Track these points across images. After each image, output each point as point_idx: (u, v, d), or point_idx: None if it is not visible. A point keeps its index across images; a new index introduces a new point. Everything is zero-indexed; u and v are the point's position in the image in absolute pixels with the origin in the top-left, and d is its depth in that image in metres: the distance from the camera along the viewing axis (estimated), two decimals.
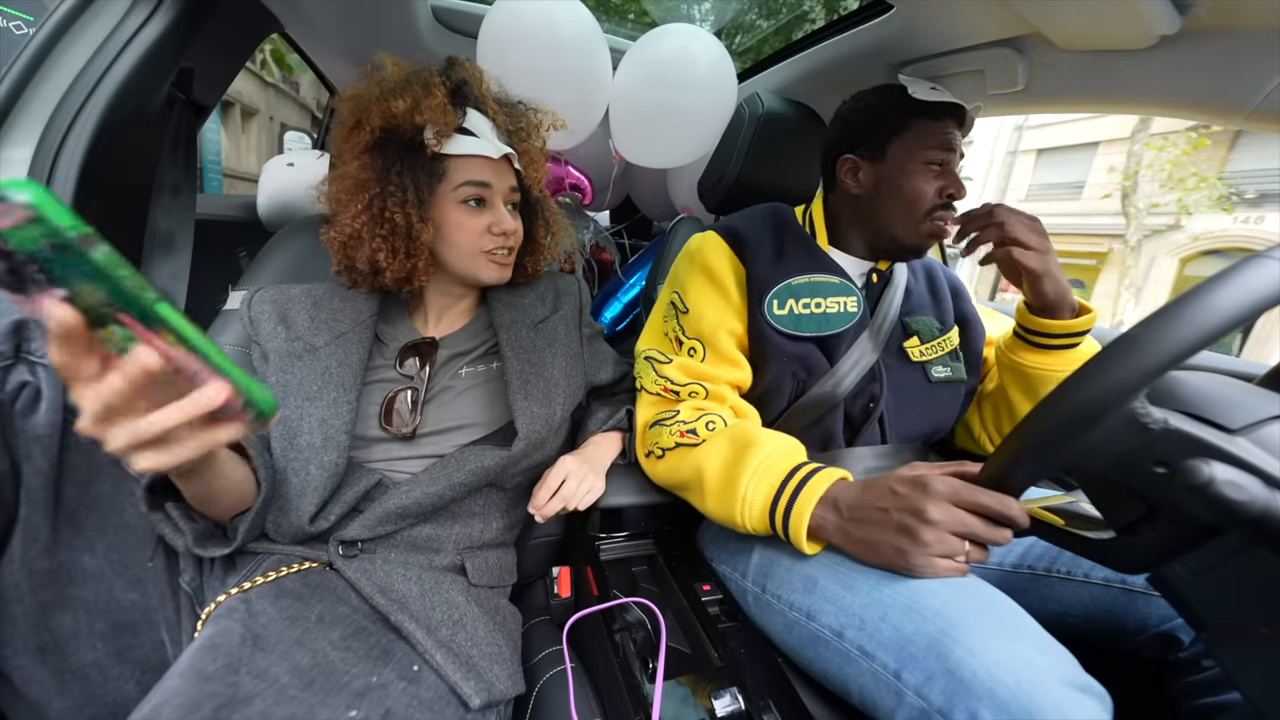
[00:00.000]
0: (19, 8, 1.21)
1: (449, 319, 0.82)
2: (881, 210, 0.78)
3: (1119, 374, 0.39)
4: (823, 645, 0.58)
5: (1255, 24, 0.63)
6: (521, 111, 0.81)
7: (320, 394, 0.69)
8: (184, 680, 0.45)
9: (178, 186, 1.03)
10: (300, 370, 0.71)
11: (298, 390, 0.70)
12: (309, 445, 0.67)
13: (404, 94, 0.68)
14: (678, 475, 0.75)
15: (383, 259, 0.71)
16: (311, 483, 0.66)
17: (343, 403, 0.70)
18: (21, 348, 0.53)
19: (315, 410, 0.69)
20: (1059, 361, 0.75)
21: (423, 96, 0.68)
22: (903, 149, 0.76)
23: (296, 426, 0.68)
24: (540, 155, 0.82)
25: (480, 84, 0.75)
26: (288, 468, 0.67)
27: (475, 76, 0.75)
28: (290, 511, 0.65)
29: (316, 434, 0.67)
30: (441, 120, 0.68)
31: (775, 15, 2.42)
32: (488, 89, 0.76)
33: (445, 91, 0.69)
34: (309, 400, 0.69)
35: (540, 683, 0.70)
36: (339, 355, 0.72)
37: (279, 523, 0.65)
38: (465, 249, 0.75)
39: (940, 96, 0.75)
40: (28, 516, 0.50)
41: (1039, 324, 0.75)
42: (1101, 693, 0.43)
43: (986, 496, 0.51)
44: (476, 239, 0.74)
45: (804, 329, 0.77)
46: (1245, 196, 7.77)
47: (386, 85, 0.70)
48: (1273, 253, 0.37)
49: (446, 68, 0.74)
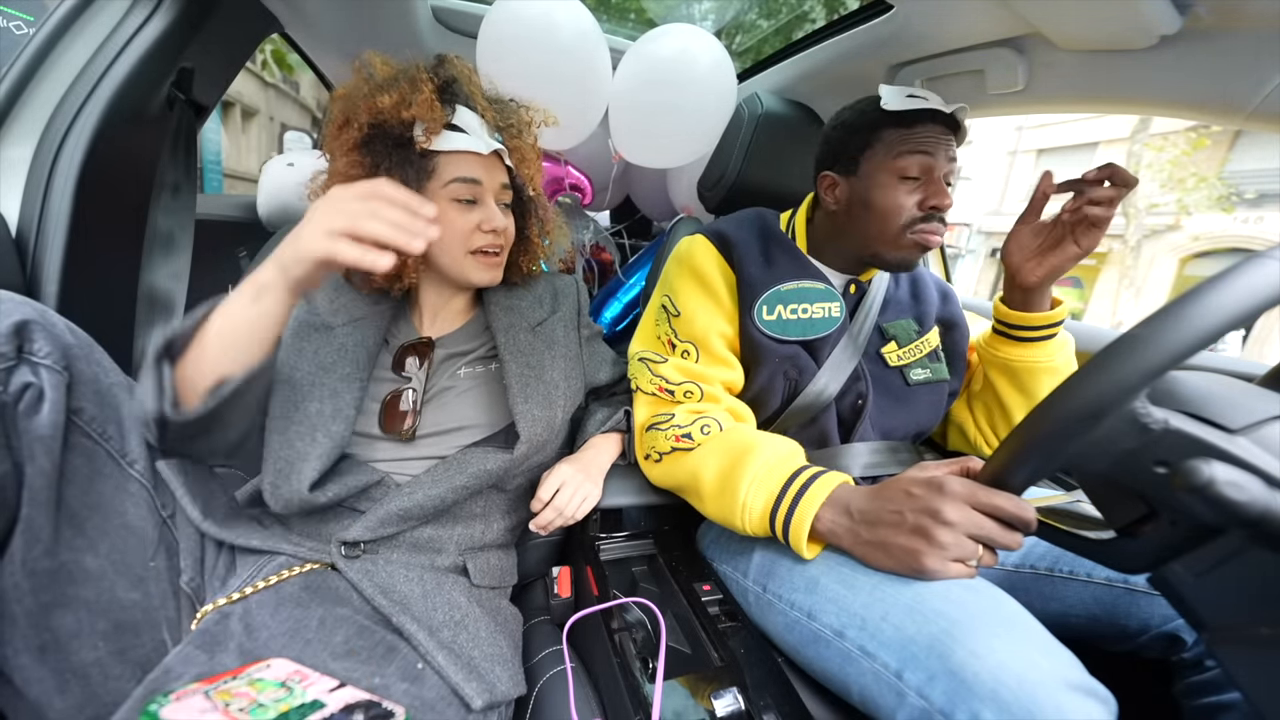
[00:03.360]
0: (19, 8, 1.21)
1: (444, 318, 0.82)
2: (857, 227, 0.77)
3: (1120, 374, 0.39)
4: (824, 645, 0.58)
5: (1255, 24, 0.63)
6: (513, 109, 0.80)
7: (335, 366, 0.70)
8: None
9: (178, 186, 1.03)
10: (317, 341, 0.72)
11: (313, 358, 0.70)
12: (318, 413, 0.68)
13: (390, 90, 0.67)
14: (675, 479, 0.75)
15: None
16: (317, 449, 0.66)
17: (354, 379, 0.71)
18: (24, 349, 0.52)
19: (328, 380, 0.69)
20: (1041, 352, 0.77)
21: (410, 92, 0.67)
22: (873, 162, 0.74)
23: (307, 393, 0.68)
24: (533, 152, 0.81)
25: (469, 81, 0.74)
26: (291, 431, 0.67)
27: (464, 73, 0.74)
28: (291, 476, 0.65)
29: (327, 404, 0.68)
30: (429, 116, 0.67)
31: (775, 15, 2.42)
32: (478, 85, 0.75)
33: (433, 88, 0.69)
34: (323, 370, 0.70)
35: (540, 683, 0.70)
36: (355, 336, 0.73)
37: (278, 487, 0.66)
38: (455, 247, 0.73)
39: (915, 104, 0.71)
40: (30, 517, 0.50)
41: (1021, 318, 0.77)
42: (1105, 695, 0.43)
43: (1001, 498, 0.50)
44: (466, 237, 0.73)
45: (790, 333, 0.78)
46: (1245, 196, 7.77)
47: (374, 82, 0.69)
48: (1273, 253, 0.37)
49: (435, 65, 0.73)
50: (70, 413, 0.55)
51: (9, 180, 0.82)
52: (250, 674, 0.48)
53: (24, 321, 0.53)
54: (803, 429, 0.81)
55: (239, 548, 0.69)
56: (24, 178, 0.82)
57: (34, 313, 0.54)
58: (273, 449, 0.67)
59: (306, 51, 1.53)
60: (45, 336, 0.54)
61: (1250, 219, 7.81)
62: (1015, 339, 0.78)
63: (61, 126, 0.83)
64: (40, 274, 0.81)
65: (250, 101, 8.76)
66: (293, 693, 0.46)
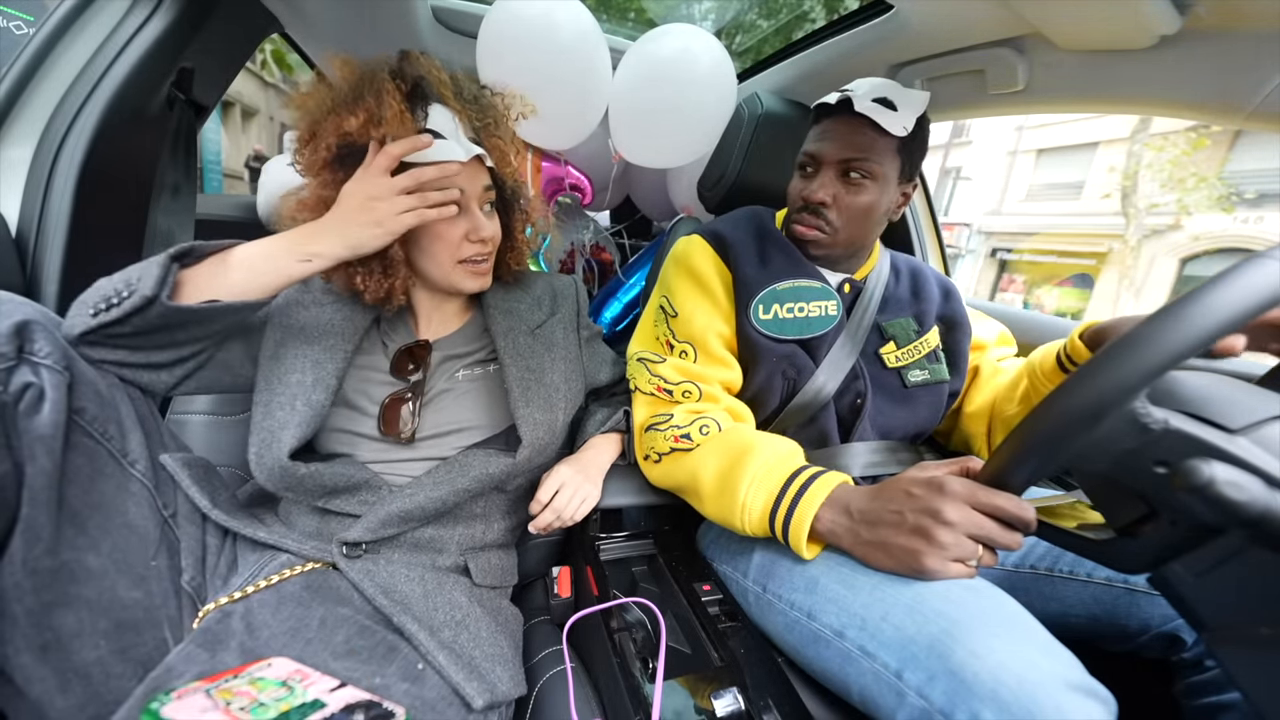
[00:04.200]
0: (19, 8, 1.21)
1: (440, 321, 0.81)
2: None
3: (1119, 374, 0.39)
4: (823, 645, 0.58)
5: (1255, 24, 0.63)
6: (487, 101, 0.74)
7: (319, 339, 0.71)
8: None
9: (178, 186, 1.04)
10: (304, 317, 0.73)
11: (298, 334, 0.71)
12: (299, 383, 0.68)
13: (356, 108, 0.63)
14: (674, 479, 0.75)
15: (359, 281, 0.69)
16: (296, 417, 0.67)
17: (339, 350, 0.71)
18: (24, 349, 0.53)
19: (311, 352, 0.70)
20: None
21: (376, 108, 0.62)
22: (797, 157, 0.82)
23: (290, 364, 0.69)
24: (512, 146, 0.76)
25: (438, 78, 0.69)
26: (273, 401, 0.68)
27: (431, 71, 0.69)
28: (272, 444, 0.66)
29: (309, 373, 0.69)
30: (401, 129, 0.63)
31: (775, 15, 2.42)
32: (446, 82, 0.69)
33: (401, 96, 0.64)
34: (307, 343, 0.71)
35: (540, 683, 0.70)
36: (344, 311, 0.74)
37: (261, 457, 0.66)
38: (443, 259, 0.71)
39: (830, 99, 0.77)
40: (30, 516, 0.50)
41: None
42: (1106, 695, 0.43)
43: (1001, 498, 0.50)
44: (454, 248, 0.71)
45: (787, 333, 0.78)
46: (1245, 196, 7.77)
47: (337, 96, 0.64)
48: (1273, 253, 0.37)
49: (399, 65, 0.68)
50: (72, 412, 0.55)
51: (9, 180, 0.82)
52: (251, 673, 0.48)
53: (25, 321, 0.53)
54: (802, 428, 0.81)
55: (240, 545, 0.69)
56: (24, 178, 0.82)
57: (35, 313, 0.54)
58: (257, 420, 0.68)
59: (306, 51, 1.52)
60: (46, 336, 0.54)
61: (1250, 219, 7.81)
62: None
63: (61, 126, 0.83)
64: (40, 274, 0.81)
65: (250, 101, 8.76)
66: (294, 692, 0.46)
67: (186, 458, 0.67)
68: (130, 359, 0.61)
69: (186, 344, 0.64)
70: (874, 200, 0.76)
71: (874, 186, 0.75)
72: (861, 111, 0.72)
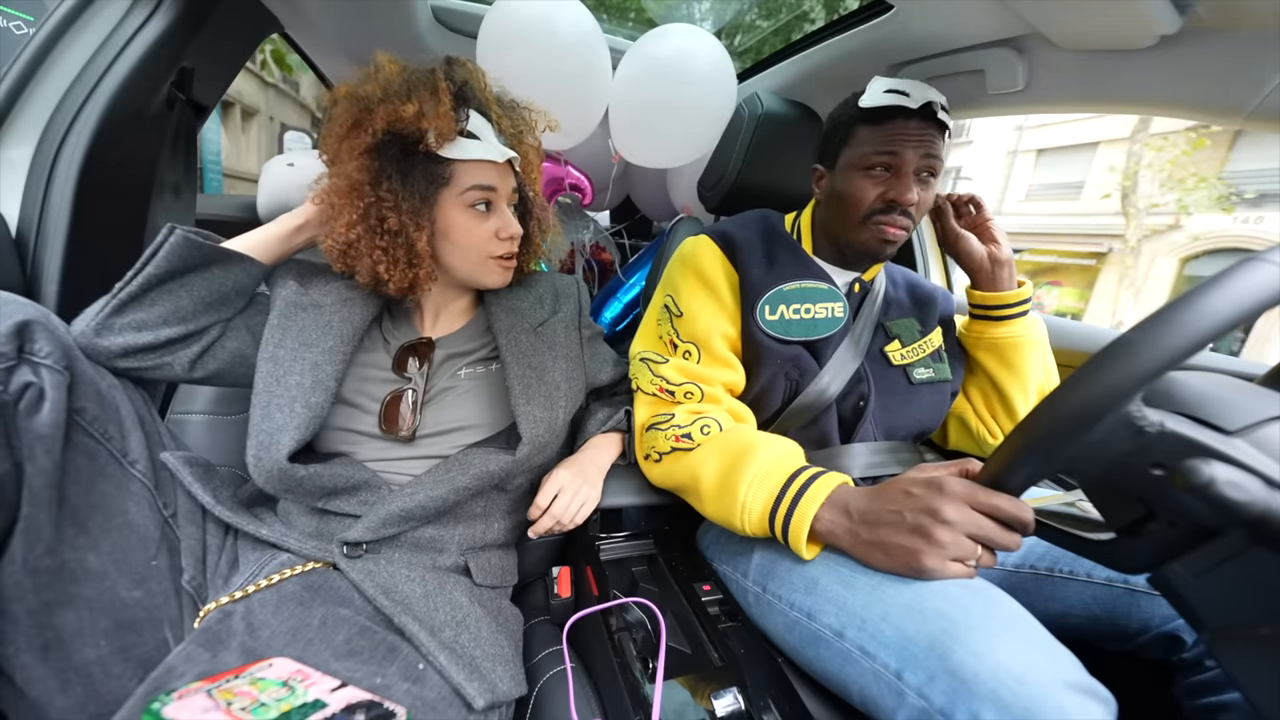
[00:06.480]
0: (19, 8, 1.21)
1: (446, 319, 0.82)
2: (832, 216, 0.81)
3: (1113, 378, 0.39)
4: (823, 645, 0.58)
5: (1255, 24, 0.63)
6: (520, 113, 0.80)
7: (318, 341, 0.71)
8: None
9: (178, 186, 1.04)
10: (302, 319, 0.72)
11: (296, 336, 0.71)
12: (298, 385, 0.68)
13: (410, 98, 0.66)
14: (674, 479, 0.75)
15: (384, 270, 0.70)
16: (295, 419, 0.67)
17: (338, 352, 0.71)
18: (24, 349, 0.53)
19: (309, 355, 0.70)
20: (1019, 327, 0.82)
21: (429, 101, 0.66)
22: (846, 156, 0.78)
23: (288, 367, 0.69)
24: (536, 155, 0.82)
25: (483, 85, 0.74)
26: (272, 404, 0.68)
27: (477, 77, 0.74)
28: (271, 447, 0.66)
29: (308, 376, 0.69)
30: (447, 125, 0.67)
31: (775, 15, 2.42)
32: (490, 90, 0.76)
33: (451, 96, 0.68)
34: (305, 346, 0.71)
35: (540, 683, 0.70)
36: (343, 313, 0.74)
37: (260, 459, 0.66)
38: (473, 254, 0.74)
39: (890, 99, 0.73)
40: (30, 516, 0.50)
41: (995, 298, 0.82)
42: (1106, 696, 0.43)
43: (1000, 499, 0.50)
44: (484, 243, 0.74)
45: (793, 334, 0.78)
46: (1245, 196, 7.77)
47: (390, 87, 0.68)
48: (1269, 255, 0.37)
49: (448, 69, 0.73)
50: (72, 412, 0.55)
51: (9, 180, 0.82)
52: (252, 673, 0.48)
53: (25, 321, 0.53)
54: (803, 430, 0.81)
55: (241, 544, 0.69)
56: (24, 178, 0.82)
57: (35, 313, 0.54)
58: (256, 422, 0.68)
59: (306, 51, 1.53)
60: (46, 336, 0.54)
61: (1250, 219, 7.81)
62: (993, 319, 0.83)
63: (61, 126, 0.83)
64: (40, 274, 0.81)
65: (250, 101, 8.75)
66: (294, 692, 0.46)
67: (187, 456, 0.67)
68: (141, 339, 0.63)
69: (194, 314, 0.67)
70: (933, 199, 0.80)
71: (935, 185, 0.78)
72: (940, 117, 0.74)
